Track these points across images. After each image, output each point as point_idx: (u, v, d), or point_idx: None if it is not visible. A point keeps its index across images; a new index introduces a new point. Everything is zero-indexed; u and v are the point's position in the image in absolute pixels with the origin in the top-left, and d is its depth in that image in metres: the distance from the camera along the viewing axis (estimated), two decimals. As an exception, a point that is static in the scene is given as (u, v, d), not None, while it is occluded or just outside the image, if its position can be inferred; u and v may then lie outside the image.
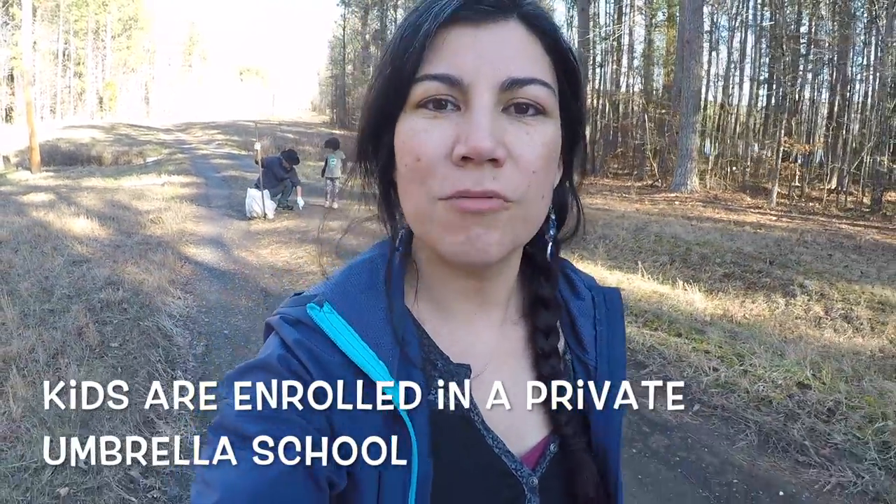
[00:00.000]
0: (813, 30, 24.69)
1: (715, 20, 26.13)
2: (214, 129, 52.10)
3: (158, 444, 0.92)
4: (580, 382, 0.77)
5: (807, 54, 23.84)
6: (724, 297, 7.46)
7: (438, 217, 0.62)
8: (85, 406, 0.84)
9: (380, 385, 0.64)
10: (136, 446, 1.85)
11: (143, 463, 1.85)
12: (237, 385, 0.64)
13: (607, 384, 0.77)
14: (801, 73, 22.78)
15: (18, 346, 4.45)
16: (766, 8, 25.01)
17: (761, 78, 25.82)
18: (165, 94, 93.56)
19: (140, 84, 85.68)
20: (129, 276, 6.73)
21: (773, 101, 26.28)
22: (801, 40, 23.51)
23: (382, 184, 0.72)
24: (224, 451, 0.60)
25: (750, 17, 25.78)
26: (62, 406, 1.22)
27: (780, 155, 19.27)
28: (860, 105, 23.11)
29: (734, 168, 22.75)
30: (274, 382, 0.63)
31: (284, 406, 0.62)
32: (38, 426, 3.49)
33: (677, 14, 24.48)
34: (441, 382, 0.69)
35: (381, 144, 0.69)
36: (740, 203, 17.66)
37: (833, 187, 20.36)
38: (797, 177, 21.62)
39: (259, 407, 0.62)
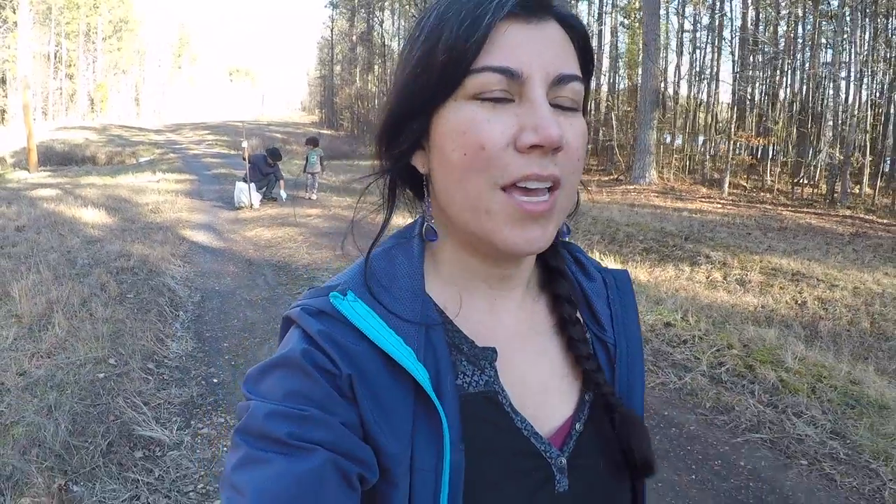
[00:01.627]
0: (771, 29, 26.06)
1: (697, 19, 27.38)
2: (205, 129, 53.20)
3: (168, 352, 2.03)
4: (599, 356, 0.81)
5: (765, 52, 25.21)
6: (638, 266, 8.89)
7: (498, 209, 0.63)
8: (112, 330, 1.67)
9: (410, 370, 0.64)
10: (149, 351, 3.69)
11: (157, 360, 3.67)
12: (261, 384, 0.64)
13: (625, 356, 0.82)
14: (750, 70, 24.09)
15: (57, 294, 5.83)
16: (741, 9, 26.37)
17: (726, 76, 27.24)
18: (156, 95, 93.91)
19: (130, 85, 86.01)
20: (137, 251, 8.14)
21: (735, 97, 27.67)
22: (762, 40, 24.84)
23: (396, 169, 0.74)
24: (252, 454, 0.59)
25: (729, 14, 27.06)
26: (94, 329, 2.61)
27: (731, 148, 20.68)
28: (821, 102, 24.31)
29: (692, 161, 24.15)
30: (299, 378, 0.63)
31: (311, 403, 0.61)
32: (78, 341, 4.86)
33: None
34: (468, 366, 0.70)
35: (409, 130, 0.69)
36: (695, 193, 19.09)
37: (797, 180, 21.73)
38: (760, 169, 23.11)
39: (285, 406, 0.61)
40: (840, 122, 19.77)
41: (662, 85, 28.76)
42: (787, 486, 3.65)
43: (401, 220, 0.79)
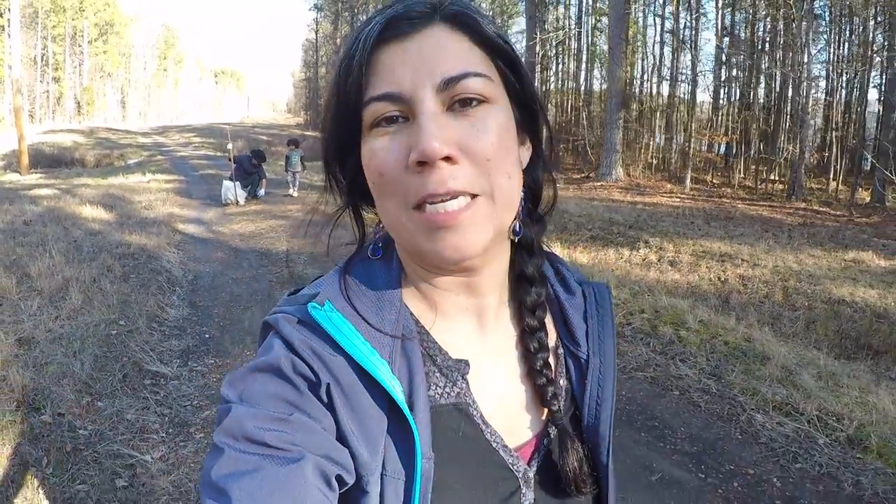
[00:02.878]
0: (748, 30, 27.21)
1: (680, 20, 28.40)
2: (191, 132, 53.96)
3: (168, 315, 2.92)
4: (571, 372, 0.82)
5: (741, 52, 26.34)
6: (582, 250, 9.95)
7: (413, 227, 0.64)
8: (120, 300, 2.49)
9: (382, 383, 0.65)
10: (153, 314, 4.96)
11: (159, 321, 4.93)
12: (242, 388, 0.64)
13: (597, 373, 0.82)
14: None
15: (70, 273, 6.82)
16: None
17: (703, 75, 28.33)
18: (141, 97, 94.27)
19: (116, 88, 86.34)
20: (135, 240, 9.15)
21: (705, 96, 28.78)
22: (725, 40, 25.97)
23: (351, 200, 0.76)
24: (235, 457, 0.59)
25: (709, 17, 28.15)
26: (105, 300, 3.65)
27: (692, 145, 21.82)
28: (784, 101, 25.40)
29: (661, 159, 25.29)
30: (280, 384, 0.64)
31: (293, 408, 0.63)
32: (92, 308, 5.86)
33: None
34: (440, 378, 0.72)
35: (346, 166, 0.72)
36: (658, 189, 20.22)
37: (761, 176, 22.88)
38: (732, 165, 24.30)
39: (266, 409, 0.62)
40: (800, 120, 20.84)
41: (642, 84, 29.98)
42: (657, 410, 4.66)
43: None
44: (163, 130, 59.37)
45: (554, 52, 32.34)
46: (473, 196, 0.63)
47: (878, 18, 21.88)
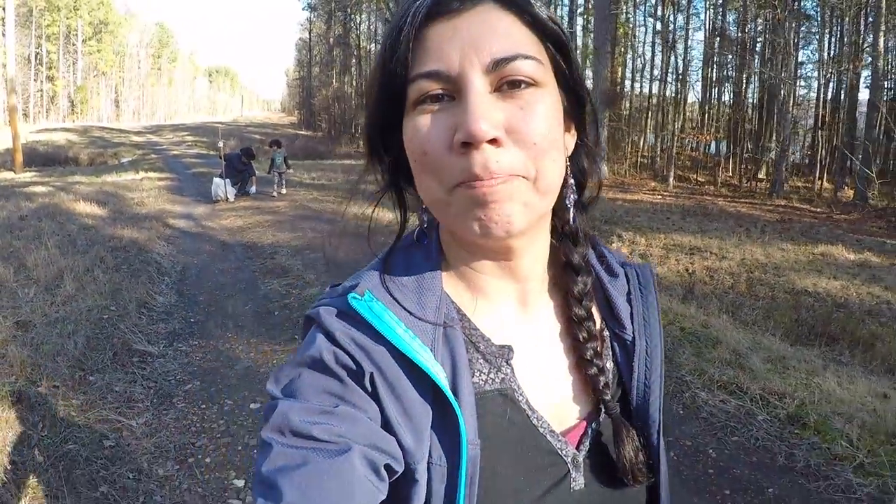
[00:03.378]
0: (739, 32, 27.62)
1: (673, 21, 28.89)
2: (184, 131, 54.23)
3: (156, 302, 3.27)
4: (618, 354, 0.82)
5: (733, 53, 26.77)
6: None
7: (455, 204, 0.63)
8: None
9: (425, 369, 0.65)
10: (142, 301, 5.40)
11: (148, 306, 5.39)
12: (287, 384, 0.66)
13: (644, 354, 0.81)
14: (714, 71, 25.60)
15: (65, 264, 7.17)
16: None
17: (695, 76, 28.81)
18: (135, 96, 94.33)
19: (110, 87, 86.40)
20: (127, 234, 9.51)
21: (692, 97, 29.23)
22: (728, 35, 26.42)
23: (394, 179, 0.75)
24: (285, 452, 0.60)
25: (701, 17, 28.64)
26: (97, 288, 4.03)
27: (675, 145, 22.24)
28: (772, 101, 25.75)
29: (645, 158, 25.78)
30: (324, 377, 0.65)
31: (339, 400, 0.63)
32: (86, 295, 6.21)
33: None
34: (484, 364, 0.71)
35: (389, 144, 0.71)
36: (642, 187, 20.69)
37: (745, 174, 23.34)
38: (720, 164, 24.76)
39: (311, 402, 0.63)
40: (784, 120, 21.27)
41: (633, 84, 30.42)
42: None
43: (390, 214, 0.80)
44: (156, 129, 59.65)
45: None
46: (516, 177, 0.62)
47: (870, 19, 22.27)
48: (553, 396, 0.76)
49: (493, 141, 0.61)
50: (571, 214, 0.76)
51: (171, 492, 3.31)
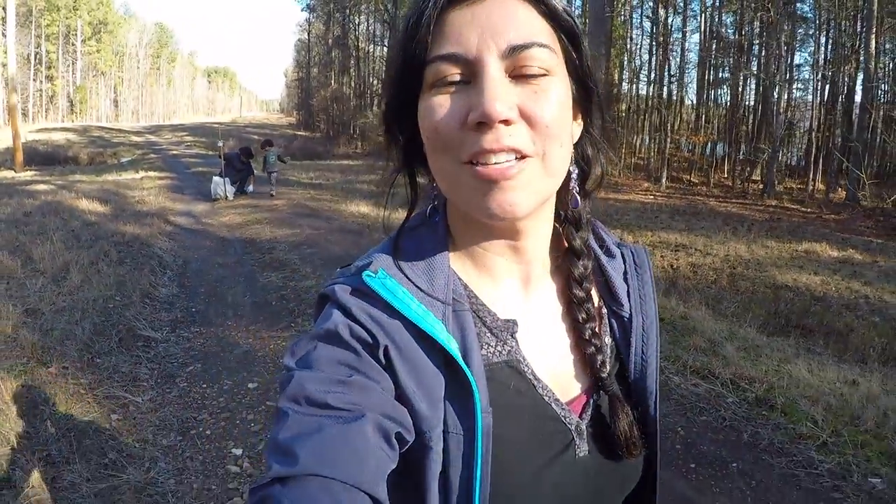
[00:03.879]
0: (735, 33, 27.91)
1: (670, 23, 29.11)
2: (183, 131, 54.49)
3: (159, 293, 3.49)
4: (615, 330, 0.86)
5: (730, 55, 27.04)
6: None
7: (465, 182, 0.66)
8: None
9: (439, 340, 0.68)
10: (146, 292, 5.73)
11: (151, 297, 5.79)
12: (303, 356, 0.68)
13: (641, 330, 0.85)
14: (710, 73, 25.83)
15: (70, 257, 7.45)
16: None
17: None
18: (134, 96, 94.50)
19: (109, 87, 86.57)
20: (129, 230, 9.81)
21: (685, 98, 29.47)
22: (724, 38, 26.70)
23: (408, 160, 0.78)
24: (299, 420, 0.62)
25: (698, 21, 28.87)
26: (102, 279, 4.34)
27: (668, 146, 22.54)
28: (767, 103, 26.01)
29: (642, 159, 26.09)
30: (339, 349, 0.67)
31: (353, 370, 0.66)
32: (91, 286, 6.49)
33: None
34: (491, 337, 0.75)
35: (404, 124, 0.74)
36: (636, 187, 20.96)
37: (739, 175, 23.59)
38: (709, 166, 25.06)
39: (328, 373, 0.65)
40: (776, 122, 21.51)
41: (631, 85, 30.70)
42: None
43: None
44: (155, 129, 59.95)
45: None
46: (524, 157, 0.65)
47: (865, 23, 22.51)
48: (556, 369, 0.79)
49: (506, 122, 0.63)
50: (575, 199, 0.79)
51: (174, 459, 3.59)
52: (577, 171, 0.79)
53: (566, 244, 0.83)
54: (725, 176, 24.45)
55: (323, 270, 7.75)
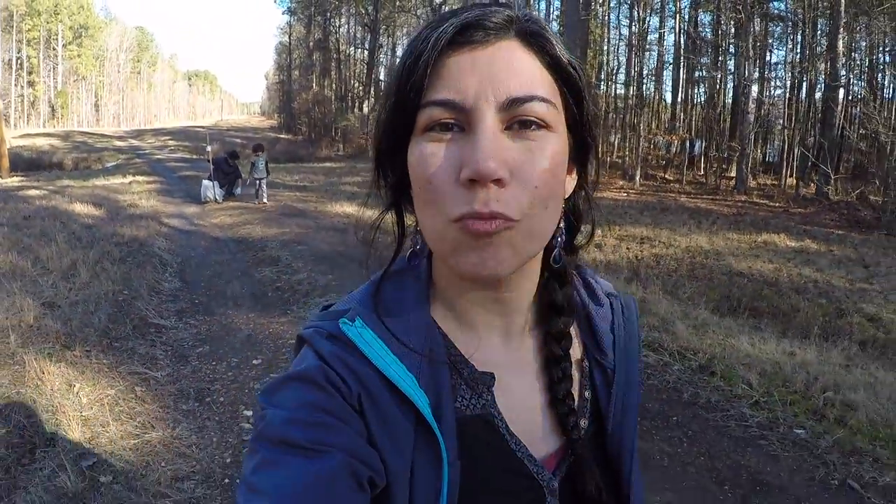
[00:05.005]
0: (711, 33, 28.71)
1: (648, 22, 29.85)
2: (166, 135, 54.68)
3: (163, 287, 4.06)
4: (597, 381, 0.84)
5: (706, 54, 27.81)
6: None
7: (452, 237, 0.65)
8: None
9: (409, 396, 0.67)
10: (151, 286, 6.51)
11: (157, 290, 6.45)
12: (277, 396, 0.68)
13: (623, 383, 0.84)
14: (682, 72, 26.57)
15: (76, 257, 8.05)
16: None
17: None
18: (115, 101, 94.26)
19: (90, 92, 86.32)
20: (127, 232, 10.42)
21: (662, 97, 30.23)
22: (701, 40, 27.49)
23: (396, 201, 0.77)
24: (270, 458, 0.62)
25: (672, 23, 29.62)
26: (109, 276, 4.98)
27: (640, 145, 23.30)
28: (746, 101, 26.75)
29: (620, 158, 26.83)
30: (313, 391, 0.66)
31: (325, 413, 0.65)
32: (100, 282, 7.09)
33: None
34: (466, 390, 0.74)
35: (395, 164, 0.72)
36: (610, 185, 21.60)
37: (711, 172, 24.37)
38: (683, 163, 25.82)
39: (301, 415, 0.65)
40: (745, 120, 22.22)
41: (608, 85, 31.43)
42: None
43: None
44: (138, 134, 60.13)
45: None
46: (510, 221, 0.63)
47: (844, 20, 23.23)
48: (531, 425, 0.78)
49: (498, 181, 0.62)
50: (558, 255, 0.77)
51: (194, 420, 4.23)
52: (562, 227, 0.78)
53: (549, 299, 0.81)
54: (701, 173, 25.26)
55: (313, 265, 8.41)
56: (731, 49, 26.90)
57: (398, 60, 0.69)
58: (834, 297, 8.63)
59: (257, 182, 15.08)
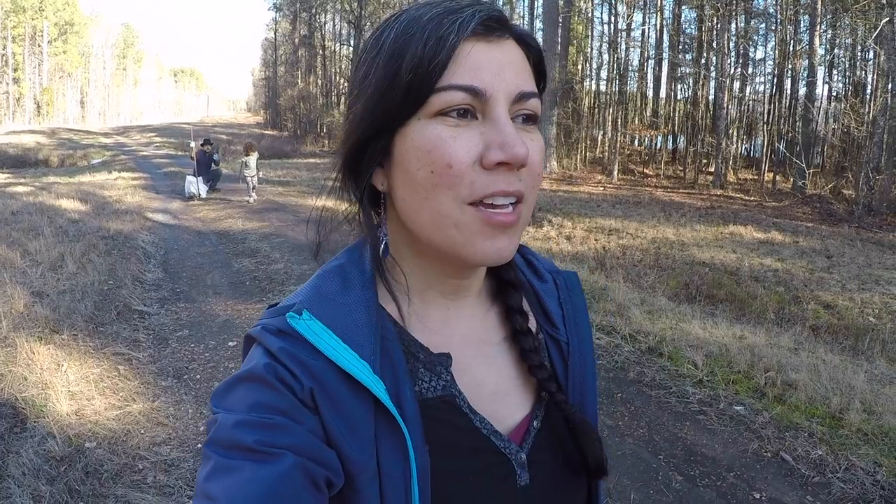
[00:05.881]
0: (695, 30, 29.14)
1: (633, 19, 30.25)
2: (152, 132, 54.69)
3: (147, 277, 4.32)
4: (552, 354, 0.86)
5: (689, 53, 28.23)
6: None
7: (466, 223, 0.66)
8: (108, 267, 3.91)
9: (364, 382, 0.66)
10: (135, 276, 6.96)
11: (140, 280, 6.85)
12: (227, 398, 0.66)
13: (578, 354, 0.86)
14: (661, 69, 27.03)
15: (63, 249, 8.39)
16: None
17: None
18: (101, 97, 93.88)
19: (76, 88, 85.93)
20: (112, 226, 10.77)
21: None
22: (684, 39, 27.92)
23: (367, 189, 0.75)
24: (222, 464, 0.61)
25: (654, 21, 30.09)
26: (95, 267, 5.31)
27: (618, 140, 23.74)
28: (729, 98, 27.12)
29: (602, 153, 27.26)
30: (263, 391, 0.65)
31: (276, 412, 0.64)
32: (86, 273, 7.44)
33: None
34: (425, 373, 0.74)
35: (371, 150, 0.71)
36: (589, 180, 22.13)
37: (690, 167, 24.81)
38: (662, 159, 26.28)
39: (252, 416, 0.63)
40: (720, 116, 22.67)
41: (592, 81, 31.80)
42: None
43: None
44: (123, 130, 60.08)
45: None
46: (519, 203, 0.67)
47: (829, 17, 23.64)
48: (493, 398, 0.78)
49: (523, 165, 0.65)
50: None
51: (172, 395, 4.61)
52: None
53: (499, 276, 0.84)
54: (680, 168, 25.72)
55: (291, 256, 8.79)
56: (714, 45, 27.31)
57: (406, 41, 0.67)
58: (792, 285, 9.05)
59: (249, 180, 14.97)
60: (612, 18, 29.45)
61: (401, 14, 0.70)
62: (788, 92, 26.64)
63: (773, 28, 28.11)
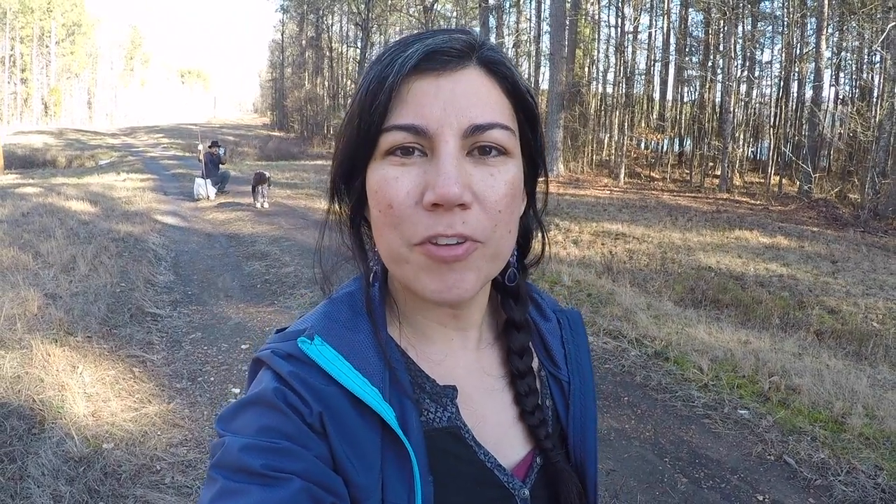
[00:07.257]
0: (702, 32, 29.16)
1: (640, 21, 30.29)
2: (159, 133, 54.78)
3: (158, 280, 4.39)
4: (554, 393, 0.86)
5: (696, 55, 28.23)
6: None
7: (414, 261, 0.66)
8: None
9: (375, 408, 0.66)
10: (147, 279, 7.09)
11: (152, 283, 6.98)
12: (234, 421, 0.66)
13: (579, 394, 0.87)
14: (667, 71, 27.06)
15: (74, 251, 8.49)
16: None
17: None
18: (108, 98, 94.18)
19: (83, 89, 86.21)
20: (122, 228, 10.88)
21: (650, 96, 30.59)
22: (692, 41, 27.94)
23: (354, 223, 0.77)
24: (229, 486, 0.60)
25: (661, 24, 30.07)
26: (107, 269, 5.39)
27: (625, 143, 23.77)
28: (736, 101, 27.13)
29: (609, 157, 27.33)
30: (272, 415, 0.65)
31: (284, 437, 0.64)
32: (98, 275, 7.53)
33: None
34: (431, 404, 0.74)
35: (352, 187, 0.73)
36: (596, 183, 22.18)
37: (697, 170, 24.80)
38: (669, 162, 26.29)
39: (260, 440, 0.63)
40: (726, 119, 22.69)
41: (600, 85, 31.84)
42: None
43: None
44: (131, 131, 60.23)
45: (513, 53, 33.88)
46: (475, 242, 0.65)
47: (835, 20, 23.65)
48: (498, 435, 0.79)
49: (462, 205, 0.63)
50: (509, 274, 0.80)
51: (187, 396, 4.71)
52: (515, 248, 0.79)
53: (506, 316, 0.83)
54: (686, 171, 25.76)
55: (301, 259, 8.88)
56: (721, 48, 27.28)
57: (361, 82, 0.69)
58: (797, 290, 9.08)
59: (262, 189, 14.42)
60: (619, 21, 29.42)
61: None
62: (795, 95, 26.57)
63: (780, 31, 28.13)
